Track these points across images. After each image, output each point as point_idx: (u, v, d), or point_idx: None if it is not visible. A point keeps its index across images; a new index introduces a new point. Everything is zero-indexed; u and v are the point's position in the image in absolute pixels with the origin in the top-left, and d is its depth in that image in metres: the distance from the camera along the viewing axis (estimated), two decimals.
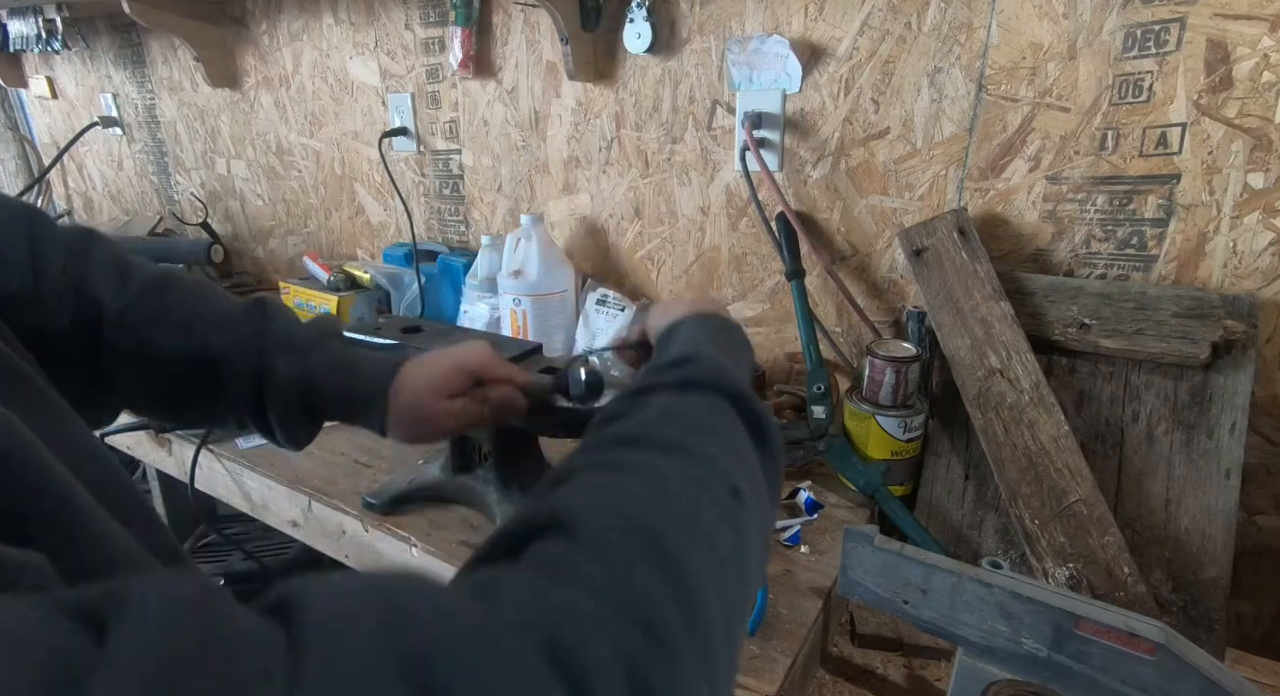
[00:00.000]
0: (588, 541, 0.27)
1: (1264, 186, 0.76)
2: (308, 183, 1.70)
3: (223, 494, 1.07)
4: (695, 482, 0.33)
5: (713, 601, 0.28)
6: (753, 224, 1.10)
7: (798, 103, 1.01)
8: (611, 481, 0.33)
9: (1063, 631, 0.54)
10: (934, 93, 0.91)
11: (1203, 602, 0.73)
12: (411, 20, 1.35)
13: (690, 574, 0.28)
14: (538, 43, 1.21)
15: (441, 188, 1.46)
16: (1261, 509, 0.83)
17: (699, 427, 0.38)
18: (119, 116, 2.04)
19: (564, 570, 0.26)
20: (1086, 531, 0.74)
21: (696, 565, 0.29)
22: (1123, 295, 0.81)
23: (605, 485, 0.32)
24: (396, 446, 1.00)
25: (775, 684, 0.60)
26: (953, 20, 0.87)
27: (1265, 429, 0.81)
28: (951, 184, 0.93)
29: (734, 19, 1.02)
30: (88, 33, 1.95)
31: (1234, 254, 0.79)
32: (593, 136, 1.21)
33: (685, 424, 0.38)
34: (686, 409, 0.40)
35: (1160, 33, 0.77)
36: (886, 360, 0.86)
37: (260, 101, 1.69)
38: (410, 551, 0.82)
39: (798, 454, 0.91)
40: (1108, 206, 0.84)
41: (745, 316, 1.15)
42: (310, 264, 1.54)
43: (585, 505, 0.30)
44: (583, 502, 0.30)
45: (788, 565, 0.76)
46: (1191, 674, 0.50)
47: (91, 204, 2.31)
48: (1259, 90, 0.74)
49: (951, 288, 0.86)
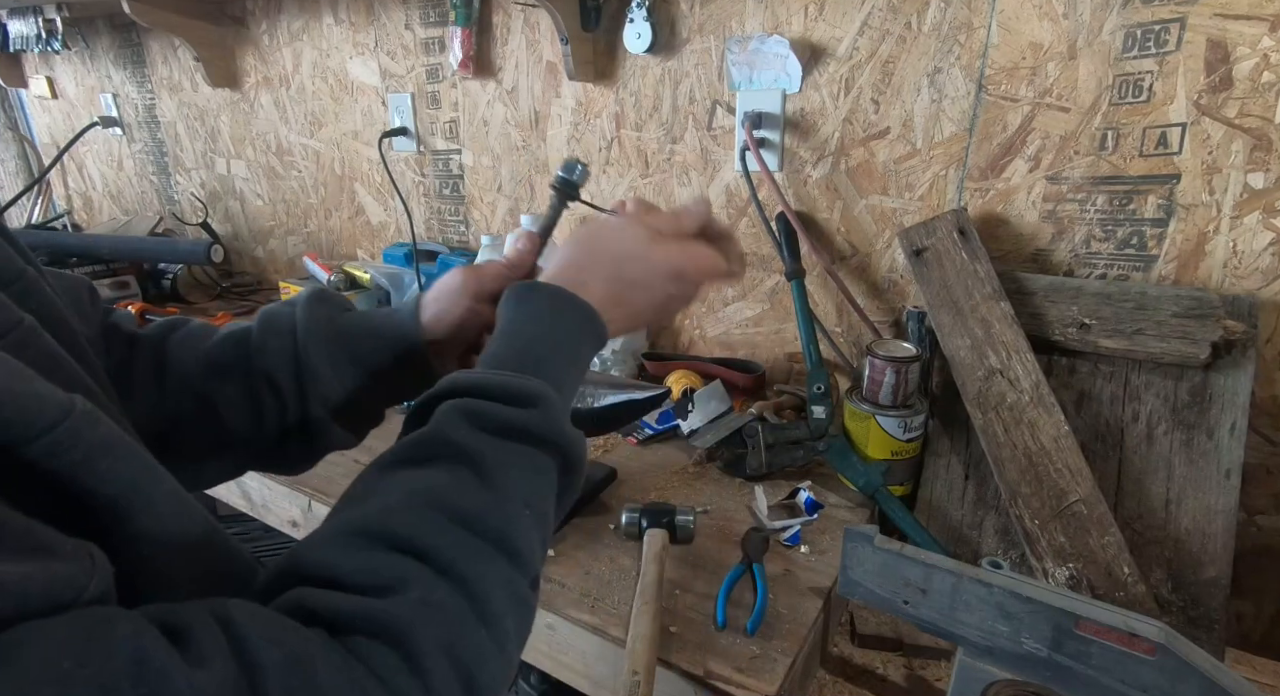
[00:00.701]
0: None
1: (1264, 186, 0.76)
2: (308, 183, 1.70)
3: (223, 494, 1.07)
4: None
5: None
6: (753, 224, 1.10)
7: (798, 103, 1.01)
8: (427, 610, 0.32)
9: (1063, 631, 0.54)
10: (934, 93, 0.91)
11: (1203, 602, 0.73)
12: (411, 20, 1.35)
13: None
14: (538, 43, 1.21)
15: (441, 188, 1.46)
16: (1261, 509, 0.83)
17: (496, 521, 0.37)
18: (119, 116, 2.04)
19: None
20: (1086, 531, 0.74)
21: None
22: (1123, 295, 0.81)
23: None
24: None
25: (775, 684, 0.60)
26: (953, 20, 0.87)
27: (1265, 429, 0.81)
28: (951, 184, 0.93)
29: (734, 19, 1.02)
30: (88, 33, 1.96)
31: (1234, 254, 0.79)
32: (593, 136, 1.21)
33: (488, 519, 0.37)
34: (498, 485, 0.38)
35: (1160, 33, 0.77)
36: (886, 360, 0.86)
37: (260, 101, 1.69)
38: None
39: (798, 454, 0.91)
40: (1108, 206, 0.84)
41: (745, 316, 1.16)
42: (310, 264, 1.54)
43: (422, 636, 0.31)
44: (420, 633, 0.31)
45: (788, 565, 0.76)
46: (1191, 674, 0.49)
47: (91, 204, 2.31)
48: (1259, 90, 0.74)
49: (951, 288, 0.86)
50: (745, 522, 0.83)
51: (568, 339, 0.47)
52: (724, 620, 0.66)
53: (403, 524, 0.34)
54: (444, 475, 0.37)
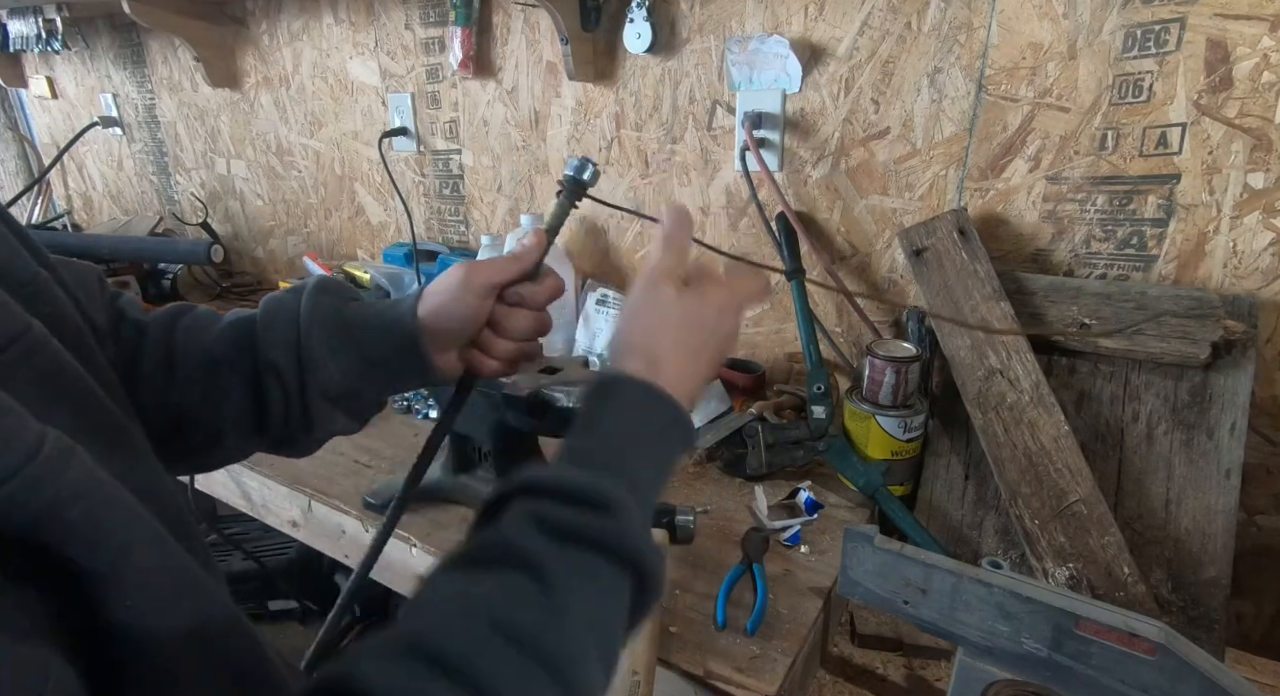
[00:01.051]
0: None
1: (1264, 186, 0.76)
2: (308, 183, 1.70)
3: (223, 494, 1.07)
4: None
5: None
6: (753, 224, 1.10)
7: (798, 103, 1.01)
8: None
9: (1063, 631, 0.54)
10: (934, 93, 0.91)
11: (1203, 602, 0.73)
12: (411, 20, 1.35)
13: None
14: (538, 43, 1.21)
15: (441, 188, 1.46)
16: (1261, 509, 0.83)
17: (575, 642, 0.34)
18: (119, 116, 2.04)
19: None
20: (1086, 531, 0.74)
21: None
22: (1123, 295, 0.81)
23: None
24: (397, 446, 1.00)
25: (775, 684, 0.60)
26: (953, 20, 0.87)
27: (1265, 429, 0.81)
28: (951, 184, 0.93)
29: (734, 19, 1.02)
30: (88, 33, 1.95)
31: (1234, 254, 0.79)
32: (593, 136, 1.21)
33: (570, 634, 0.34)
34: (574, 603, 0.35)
35: (1160, 33, 0.77)
36: (886, 360, 0.86)
37: (260, 101, 1.69)
38: (410, 551, 0.82)
39: (798, 454, 0.91)
40: (1108, 206, 0.84)
41: (745, 316, 1.15)
42: (310, 264, 1.54)
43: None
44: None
45: (788, 565, 0.76)
46: (1191, 674, 0.50)
47: (91, 204, 2.31)
48: (1259, 90, 0.74)
49: (951, 288, 0.86)
50: (745, 522, 0.83)
51: (652, 437, 0.43)
52: (724, 620, 0.66)
53: (453, 642, 0.31)
54: (503, 585, 0.34)
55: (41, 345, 0.34)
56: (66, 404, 0.34)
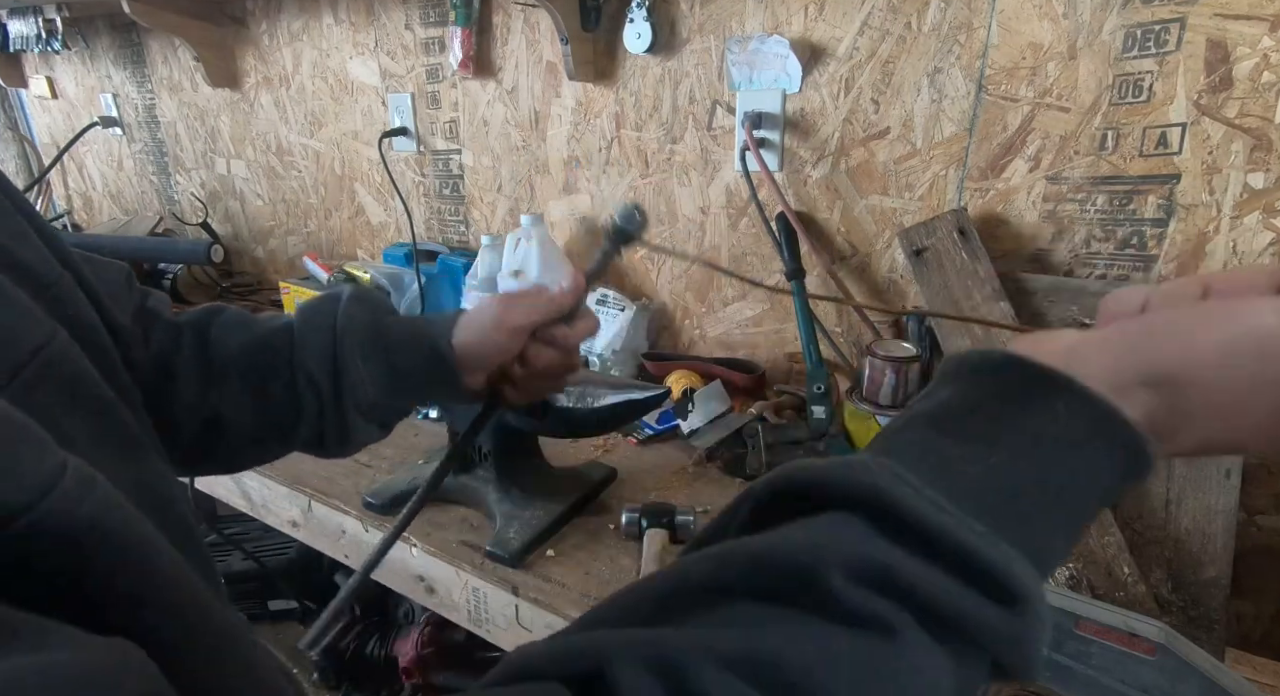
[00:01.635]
0: None
1: (1264, 186, 0.76)
2: (308, 183, 1.70)
3: (222, 494, 1.07)
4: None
5: None
6: (753, 224, 1.10)
7: (798, 103, 1.01)
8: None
9: (1063, 631, 0.54)
10: (934, 93, 0.91)
11: (1203, 602, 0.73)
12: (411, 20, 1.35)
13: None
14: (538, 43, 1.21)
15: (441, 188, 1.46)
16: (1261, 509, 0.83)
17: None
18: (119, 116, 2.04)
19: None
20: (1086, 531, 0.74)
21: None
22: None
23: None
24: (397, 446, 1.00)
25: None
26: (953, 20, 0.87)
27: None
28: (951, 184, 0.93)
29: (734, 19, 1.02)
30: (88, 33, 1.95)
31: (1234, 254, 0.79)
32: (593, 136, 1.21)
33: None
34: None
35: (1160, 33, 0.77)
36: (886, 360, 0.86)
37: (260, 101, 1.69)
38: (411, 551, 0.82)
39: (798, 454, 0.91)
40: (1108, 206, 0.84)
41: (745, 316, 1.16)
42: (310, 264, 1.54)
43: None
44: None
45: None
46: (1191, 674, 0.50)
47: (91, 204, 2.31)
48: (1259, 90, 0.74)
49: (951, 288, 0.86)
50: None
51: (1096, 490, 0.28)
52: None
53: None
54: (799, 637, 0.25)
55: (62, 355, 0.33)
56: (83, 411, 0.34)
